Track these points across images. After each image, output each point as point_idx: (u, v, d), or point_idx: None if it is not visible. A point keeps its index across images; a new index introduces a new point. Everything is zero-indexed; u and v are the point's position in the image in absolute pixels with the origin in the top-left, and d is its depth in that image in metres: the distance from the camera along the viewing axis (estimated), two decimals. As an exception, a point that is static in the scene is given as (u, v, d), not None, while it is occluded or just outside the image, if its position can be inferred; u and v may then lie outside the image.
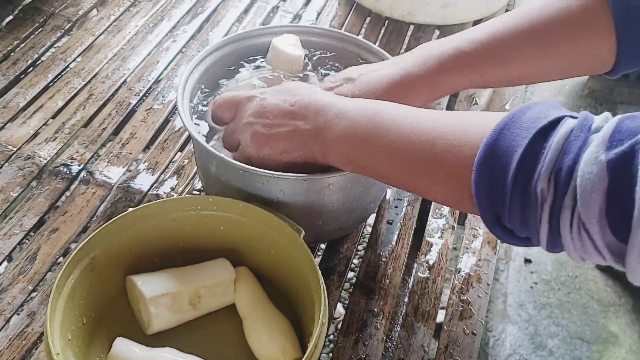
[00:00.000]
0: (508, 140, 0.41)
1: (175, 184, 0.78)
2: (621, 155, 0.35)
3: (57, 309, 0.55)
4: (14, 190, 0.76)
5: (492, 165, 0.42)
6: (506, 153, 0.41)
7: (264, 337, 0.58)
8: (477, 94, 0.93)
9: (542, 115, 0.41)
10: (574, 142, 0.38)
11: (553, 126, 0.40)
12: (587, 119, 0.40)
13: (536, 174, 0.39)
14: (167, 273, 0.61)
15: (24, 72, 0.92)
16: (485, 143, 0.42)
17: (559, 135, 0.39)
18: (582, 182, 0.36)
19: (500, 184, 0.41)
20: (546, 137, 0.39)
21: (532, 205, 0.39)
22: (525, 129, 0.41)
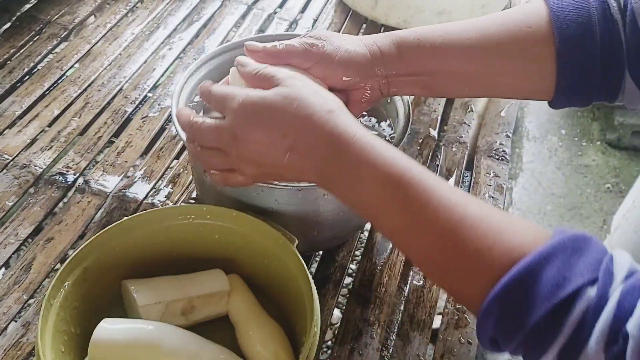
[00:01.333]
0: (525, 297, 0.40)
1: (170, 192, 0.78)
2: (618, 354, 0.37)
3: (49, 321, 0.54)
4: (9, 199, 0.76)
5: (507, 307, 0.41)
6: (521, 310, 0.40)
7: (257, 344, 0.58)
8: (473, 102, 0.93)
9: (561, 280, 0.40)
10: (584, 329, 0.38)
11: (571, 301, 0.39)
12: (603, 294, 0.39)
13: (543, 349, 0.40)
14: (162, 281, 0.61)
15: (20, 81, 0.92)
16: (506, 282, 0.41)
17: (573, 319, 0.39)
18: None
19: (510, 332, 0.41)
20: (561, 315, 0.39)
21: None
22: (543, 296, 0.40)
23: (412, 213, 0.45)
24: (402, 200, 0.45)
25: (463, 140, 0.87)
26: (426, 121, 0.89)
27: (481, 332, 0.43)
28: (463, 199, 0.45)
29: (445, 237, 0.44)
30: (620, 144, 2.02)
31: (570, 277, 0.40)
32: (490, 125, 0.90)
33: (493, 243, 0.42)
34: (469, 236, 0.43)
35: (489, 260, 0.42)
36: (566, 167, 1.99)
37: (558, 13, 0.55)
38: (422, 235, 0.45)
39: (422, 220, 0.45)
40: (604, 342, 0.37)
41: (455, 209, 0.44)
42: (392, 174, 0.45)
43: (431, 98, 0.92)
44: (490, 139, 0.88)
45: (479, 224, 0.43)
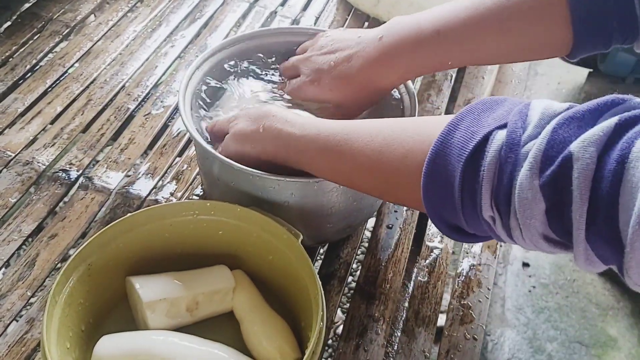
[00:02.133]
0: (444, 164, 0.42)
1: (174, 189, 0.78)
2: (553, 178, 0.35)
3: (54, 317, 0.54)
4: (12, 195, 0.76)
5: (437, 185, 0.43)
6: (446, 178, 0.42)
7: (263, 339, 0.58)
8: (476, 98, 0.93)
9: (469, 135, 0.40)
10: (504, 165, 0.38)
11: (482, 148, 0.39)
12: (515, 130, 0.38)
13: (478, 204, 0.40)
14: (166, 277, 0.61)
15: (22, 78, 0.92)
16: (426, 163, 0.43)
17: (489, 160, 0.38)
18: (521, 206, 0.37)
19: (450, 204, 0.42)
20: (477, 164, 0.39)
21: (486, 224, 0.41)
22: (456, 155, 0.41)
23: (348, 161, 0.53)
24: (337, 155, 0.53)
25: (466, 137, 0.87)
26: (429, 118, 0.89)
27: (437, 225, 0.46)
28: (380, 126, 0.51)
29: (377, 164, 0.50)
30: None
31: (478, 129, 0.40)
32: (493, 122, 0.90)
33: (412, 144, 0.46)
34: (392, 152, 0.48)
35: (413, 157, 0.46)
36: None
37: None
38: (363, 172, 0.52)
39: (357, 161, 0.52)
40: (537, 168, 0.36)
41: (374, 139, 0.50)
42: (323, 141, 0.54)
43: (434, 95, 0.92)
44: (494, 136, 0.87)
45: (396, 138, 0.48)
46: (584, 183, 0.34)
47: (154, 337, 0.56)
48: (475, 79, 0.96)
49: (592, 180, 0.34)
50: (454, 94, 0.94)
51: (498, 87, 0.96)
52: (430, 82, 0.95)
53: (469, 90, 0.94)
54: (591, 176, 0.34)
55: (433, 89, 0.93)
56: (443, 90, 0.94)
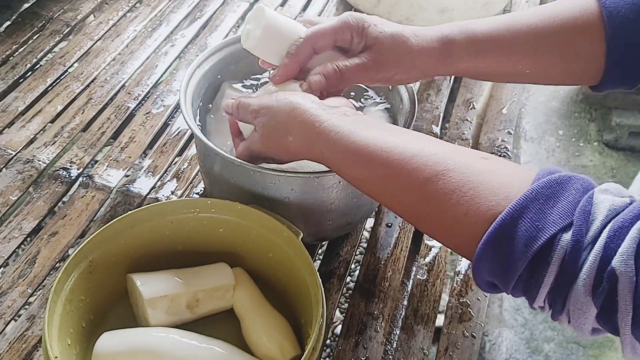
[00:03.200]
0: (505, 249, 0.42)
1: (174, 187, 0.78)
2: (605, 293, 0.38)
3: (55, 313, 0.55)
4: (13, 193, 0.76)
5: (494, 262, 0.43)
6: (505, 262, 0.42)
7: (263, 337, 0.59)
8: (474, 99, 0.94)
9: (534, 232, 0.40)
10: (564, 272, 0.40)
11: (547, 251, 0.40)
12: (579, 240, 0.39)
13: (532, 298, 0.42)
14: (167, 274, 0.61)
15: (22, 77, 0.92)
16: (484, 242, 0.42)
17: (552, 267, 0.40)
18: (574, 312, 0.40)
19: (501, 281, 0.43)
20: (539, 265, 0.40)
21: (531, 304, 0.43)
22: (520, 248, 0.41)
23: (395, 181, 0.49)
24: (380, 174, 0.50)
25: (465, 136, 0.88)
26: (429, 118, 0.89)
27: (478, 282, 0.46)
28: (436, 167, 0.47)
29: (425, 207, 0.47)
30: (617, 145, 2.03)
31: (544, 227, 0.40)
32: (492, 122, 0.90)
33: (467, 210, 0.44)
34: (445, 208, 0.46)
35: (467, 225, 0.44)
36: (564, 168, 1.99)
37: (610, 10, 0.56)
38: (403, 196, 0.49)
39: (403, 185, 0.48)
40: (591, 284, 0.38)
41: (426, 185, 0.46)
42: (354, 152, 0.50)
43: (433, 95, 0.93)
44: (492, 136, 0.88)
45: (452, 194, 0.45)
46: (628, 295, 0.37)
47: (155, 334, 0.57)
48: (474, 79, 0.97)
49: (634, 292, 0.37)
50: (453, 94, 0.95)
51: (497, 87, 0.96)
52: (429, 82, 0.95)
53: (467, 90, 0.95)
54: (633, 288, 0.37)
55: (432, 89, 0.94)
56: (442, 90, 0.94)
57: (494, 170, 0.46)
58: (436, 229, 0.49)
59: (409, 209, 0.50)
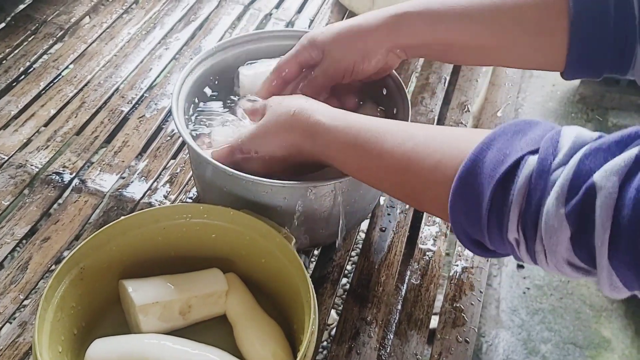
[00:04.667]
0: (474, 183, 0.42)
1: (168, 191, 0.78)
2: (578, 207, 0.36)
3: (46, 320, 0.54)
4: (5, 198, 0.75)
5: (465, 202, 0.44)
6: (475, 197, 0.42)
7: (255, 343, 0.58)
8: (469, 102, 0.93)
9: (501, 157, 0.41)
10: (533, 191, 0.39)
11: (513, 172, 0.40)
12: (546, 157, 0.39)
13: (505, 226, 0.41)
14: (159, 280, 0.61)
15: (15, 80, 0.92)
16: (456, 179, 0.44)
17: (519, 185, 0.39)
18: (547, 233, 0.38)
19: (475, 222, 0.43)
20: (507, 187, 0.40)
21: (509, 245, 0.42)
22: (487, 175, 0.41)
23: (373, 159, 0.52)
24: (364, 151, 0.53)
25: (459, 140, 0.87)
26: (423, 121, 0.89)
27: (460, 236, 0.47)
28: (412, 131, 0.51)
29: (403, 168, 0.50)
30: (614, 145, 2.03)
31: (510, 152, 0.41)
32: (486, 125, 0.90)
33: (441, 156, 0.47)
34: (420, 160, 0.48)
35: (442, 170, 0.46)
36: (561, 168, 2.00)
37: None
38: (387, 173, 0.52)
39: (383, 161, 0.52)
40: (564, 197, 0.37)
41: (405, 143, 0.50)
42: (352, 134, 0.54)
43: (428, 98, 0.93)
44: (487, 139, 0.88)
45: (427, 147, 0.48)
46: (606, 212, 0.35)
47: (147, 341, 0.57)
48: (468, 82, 0.97)
49: (614, 209, 0.35)
50: (447, 97, 0.95)
51: (492, 90, 0.96)
52: (424, 85, 0.95)
53: (462, 93, 0.95)
54: (613, 205, 0.35)
55: (427, 92, 0.94)
56: (437, 93, 0.94)
57: (469, 129, 0.52)
58: (416, 186, 0.50)
59: (389, 173, 0.52)
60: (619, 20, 0.55)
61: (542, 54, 0.60)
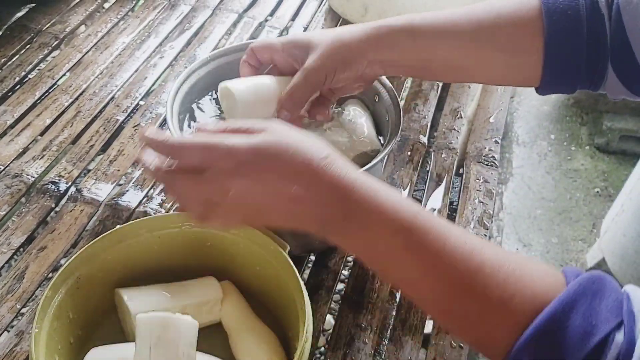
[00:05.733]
0: (555, 346, 0.40)
1: (163, 200, 0.78)
2: None
3: (43, 330, 0.55)
4: (1, 208, 0.76)
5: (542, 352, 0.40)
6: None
7: (251, 350, 0.59)
8: (462, 108, 0.94)
9: (589, 328, 0.40)
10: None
11: (601, 349, 0.39)
12: (632, 341, 0.39)
13: None
14: (155, 289, 0.61)
15: (11, 90, 0.92)
16: (532, 332, 0.40)
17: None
18: None
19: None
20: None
21: None
22: (574, 345, 0.39)
23: (427, 261, 0.43)
24: (415, 247, 0.43)
25: (453, 146, 0.88)
26: (416, 128, 0.90)
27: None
28: (478, 243, 0.43)
29: (464, 286, 0.42)
30: (608, 148, 2.04)
31: (597, 323, 0.39)
32: (479, 131, 0.91)
33: (515, 291, 0.41)
34: (489, 284, 0.41)
35: (513, 309, 0.41)
36: (556, 172, 2.01)
37: (549, 5, 0.57)
38: (440, 284, 0.43)
39: (439, 268, 0.43)
40: None
41: (472, 255, 0.42)
42: (401, 220, 0.43)
43: (421, 105, 0.93)
44: (480, 145, 0.89)
45: (497, 271, 0.42)
46: None
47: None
48: (461, 88, 0.98)
49: None
50: (440, 104, 0.95)
51: (484, 96, 0.97)
52: (417, 92, 0.96)
53: (455, 99, 0.96)
54: None
55: (420, 99, 0.94)
56: (430, 99, 0.95)
57: (528, 264, 0.43)
58: (473, 312, 0.43)
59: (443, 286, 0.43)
60: (592, 39, 0.56)
61: (518, 71, 0.61)
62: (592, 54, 0.57)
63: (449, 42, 0.60)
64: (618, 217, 1.48)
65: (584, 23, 0.56)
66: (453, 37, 0.60)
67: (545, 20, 0.57)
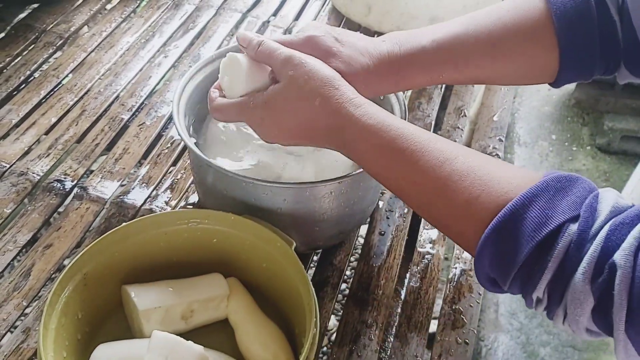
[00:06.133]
0: (512, 236, 0.44)
1: (168, 198, 0.79)
2: (603, 284, 0.39)
3: (50, 326, 0.55)
4: (7, 206, 0.76)
5: (497, 250, 0.45)
6: (509, 249, 0.44)
7: (257, 346, 0.59)
8: (466, 107, 0.94)
9: (543, 219, 0.42)
10: (568, 262, 0.41)
11: (553, 238, 0.42)
12: (585, 230, 0.41)
13: (532, 285, 0.43)
14: (162, 285, 0.61)
15: (16, 89, 0.93)
16: (492, 225, 0.44)
17: (556, 254, 0.42)
18: (572, 303, 0.41)
19: (502, 270, 0.45)
20: (544, 251, 0.42)
21: (529, 300, 0.45)
22: (527, 234, 0.43)
23: (405, 172, 0.51)
24: (397, 161, 0.51)
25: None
26: (420, 126, 0.90)
27: (479, 273, 0.47)
28: (452, 153, 0.49)
29: (436, 191, 0.49)
30: (609, 149, 2.05)
31: (553, 215, 0.43)
32: (483, 129, 0.91)
33: (480, 193, 0.46)
34: (457, 189, 0.47)
35: (478, 207, 0.46)
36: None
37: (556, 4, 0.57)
38: (417, 190, 0.51)
39: (415, 177, 0.50)
40: (590, 274, 0.40)
41: (443, 166, 0.49)
42: (387, 139, 0.51)
43: (425, 103, 0.94)
44: (484, 143, 0.89)
45: (465, 177, 0.47)
46: (624, 290, 0.38)
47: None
48: (465, 87, 0.98)
49: (629, 286, 0.38)
50: (444, 102, 0.96)
51: (488, 94, 0.97)
52: (420, 90, 0.96)
53: (459, 98, 0.96)
54: (629, 283, 0.38)
55: (424, 97, 0.95)
56: (433, 98, 0.95)
57: (505, 164, 0.49)
58: (445, 212, 0.50)
59: (420, 192, 0.51)
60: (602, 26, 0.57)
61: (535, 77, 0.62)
62: (605, 40, 0.57)
63: (459, 67, 0.61)
64: (620, 217, 1.49)
65: (594, 12, 0.56)
66: (464, 61, 0.60)
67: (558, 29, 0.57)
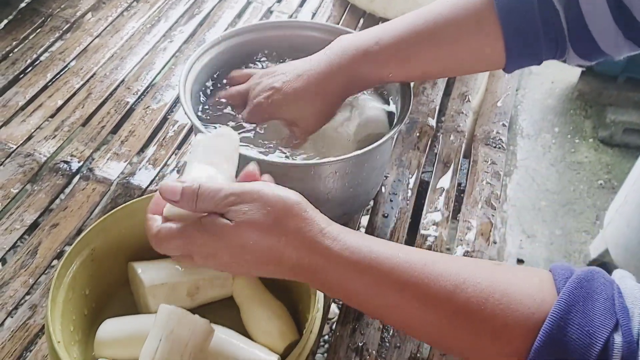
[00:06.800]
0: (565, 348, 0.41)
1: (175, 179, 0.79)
2: None
3: (58, 300, 0.56)
4: (14, 186, 0.77)
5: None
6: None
7: (262, 322, 0.60)
8: (470, 92, 0.95)
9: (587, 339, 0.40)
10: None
11: (604, 355, 0.40)
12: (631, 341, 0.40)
13: None
14: (168, 262, 0.62)
15: (23, 72, 0.93)
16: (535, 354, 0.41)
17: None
18: None
19: None
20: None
21: None
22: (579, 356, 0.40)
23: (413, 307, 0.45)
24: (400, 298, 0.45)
25: (461, 129, 0.89)
26: (424, 111, 0.90)
27: None
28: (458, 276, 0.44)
29: (455, 323, 0.44)
30: (612, 141, 2.05)
31: (594, 331, 0.40)
32: (487, 115, 0.92)
33: (505, 319, 0.42)
34: (481, 319, 0.43)
35: (509, 336, 0.42)
36: (560, 164, 2.01)
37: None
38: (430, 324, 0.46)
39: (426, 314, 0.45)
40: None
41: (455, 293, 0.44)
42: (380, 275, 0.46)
43: (429, 89, 0.94)
44: (488, 128, 0.89)
45: (484, 302, 0.43)
46: None
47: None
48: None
49: None
50: (448, 88, 0.96)
51: (492, 80, 0.98)
52: (425, 77, 0.96)
53: (463, 84, 0.96)
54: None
55: (428, 83, 0.95)
56: (438, 83, 0.95)
57: (510, 270, 0.45)
58: (469, 345, 0.45)
59: (434, 325, 0.45)
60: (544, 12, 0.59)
61: (482, 53, 0.64)
62: (547, 25, 0.60)
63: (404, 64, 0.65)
64: (621, 209, 1.49)
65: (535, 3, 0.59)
66: (407, 58, 0.64)
67: (497, 8, 0.60)
